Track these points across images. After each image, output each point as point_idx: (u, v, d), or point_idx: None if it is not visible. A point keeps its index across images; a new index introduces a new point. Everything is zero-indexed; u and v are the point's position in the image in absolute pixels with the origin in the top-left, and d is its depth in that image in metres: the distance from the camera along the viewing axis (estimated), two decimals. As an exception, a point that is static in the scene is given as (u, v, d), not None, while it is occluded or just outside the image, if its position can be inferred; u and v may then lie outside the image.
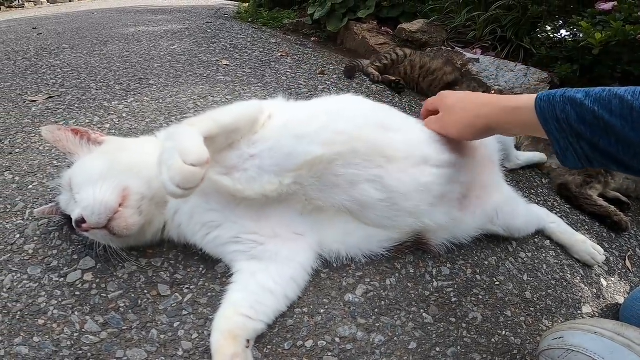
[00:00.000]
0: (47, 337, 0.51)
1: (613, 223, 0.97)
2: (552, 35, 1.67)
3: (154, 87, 1.18)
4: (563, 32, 1.62)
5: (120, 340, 0.51)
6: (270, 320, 0.53)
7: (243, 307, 0.50)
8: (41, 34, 2.07)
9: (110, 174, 0.53)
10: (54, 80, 1.23)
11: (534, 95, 0.49)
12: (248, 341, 0.49)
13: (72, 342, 0.51)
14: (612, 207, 0.99)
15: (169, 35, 1.99)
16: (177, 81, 1.25)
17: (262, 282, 0.53)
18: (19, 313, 0.54)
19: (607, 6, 1.29)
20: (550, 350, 0.51)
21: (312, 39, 2.36)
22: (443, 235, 0.66)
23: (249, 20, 2.92)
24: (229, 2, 4.91)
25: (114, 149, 0.60)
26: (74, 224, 0.51)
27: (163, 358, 0.50)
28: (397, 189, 0.57)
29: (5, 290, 0.57)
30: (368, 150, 0.56)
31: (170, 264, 0.61)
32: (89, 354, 0.50)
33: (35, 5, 5.06)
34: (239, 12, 3.24)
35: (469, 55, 1.62)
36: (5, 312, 0.54)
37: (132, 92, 1.13)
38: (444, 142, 0.62)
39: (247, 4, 3.75)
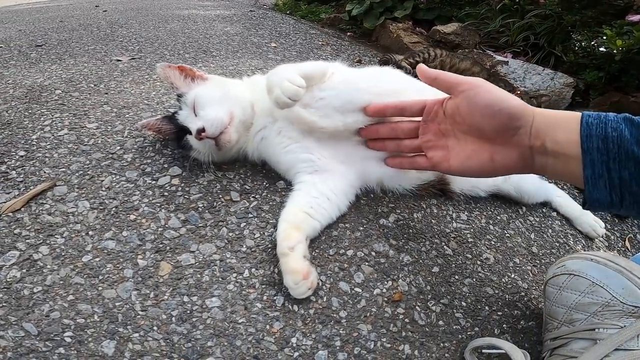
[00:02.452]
0: (134, 231, 0.60)
1: (617, 209, 1.07)
2: (583, 45, 1.75)
3: (217, 57, 1.36)
4: (595, 43, 1.71)
5: (195, 236, 0.61)
6: (325, 223, 0.66)
7: (305, 206, 0.64)
8: (106, 11, 2.30)
9: (223, 101, 0.71)
10: (132, 47, 1.43)
11: (579, 113, 0.45)
12: (307, 237, 0.62)
13: (156, 236, 0.60)
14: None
15: (220, 19, 2.18)
16: (235, 55, 1.43)
17: (322, 189, 0.67)
18: (113, 209, 0.63)
19: (636, 18, 1.39)
20: (555, 278, 0.56)
21: (348, 33, 2.51)
22: (462, 180, 0.79)
23: (287, 12, 3.10)
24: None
25: (222, 84, 0.77)
26: (194, 132, 0.67)
27: (229, 253, 0.59)
28: None
29: (104, 189, 0.67)
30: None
31: (240, 177, 0.75)
32: (168, 247, 0.59)
33: None
34: (277, 4, 3.43)
35: (498, 57, 1.73)
36: (102, 208, 0.64)
37: (199, 60, 1.32)
38: None
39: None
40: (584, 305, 0.52)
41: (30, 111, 0.92)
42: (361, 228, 0.70)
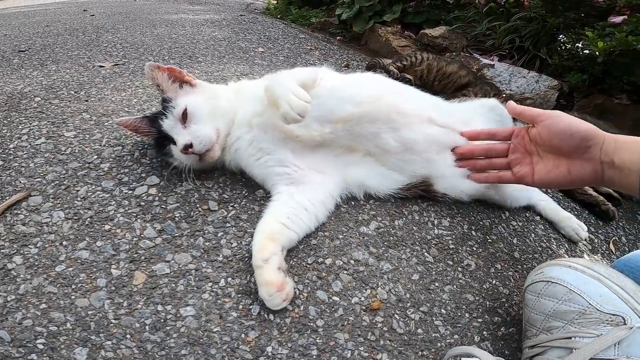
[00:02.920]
0: (109, 241, 0.59)
1: (601, 211, 1.07)
2: (568, 47, 1.77)
3: (202, 63, 1.36)
4: (579, 44, 1.73)
5: (171, 246, 0.61)
6: (302, 234, 0.66)
7: (282, 217, 0.64)
8: (93, 15, 2.28)
9: (212, 116, 0.71)
10: (116, 53, 1.42)
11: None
12: (283, 248, 0.61)
13: (130, 246, 0.59)
14: (601, 197, 1.10)
15: (209, 23, 2.17)
16: (221, 60, 1.42)
17: (299, 200, 0.67)
18: (88, 219, 0.63)
19: (618, 19, 1.41)
20: (533, 285, 0.56)
21: (338, 37, 2.52)
22: (446, 183, 0.79)
23: (278, 16, 3.11)
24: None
25: (210, 95, 0.75)
26: (180, 146, 0.66)
27: (205, 262, 0.59)
28: (409, 138, 0.73)
29: (79, 199, 0.67)
30: (388, 109, 0.72)
31: (219, 186, 0.74)
32: (143, 257, 0.58)
33: None
34: (268, 9, 3.44)
35: (485, 61, 1.75)
36: (76, 218, 0.63)
37: (184, 66, 1.31)
38: (443, 111, 0.78)
39: (275, 1, 3.95)
40: (561, 312, 0.52)
41: (9, 119, 0.90)
42: (341, 236, 0.70)
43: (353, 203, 0.76)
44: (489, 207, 0.89)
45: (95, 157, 0.78)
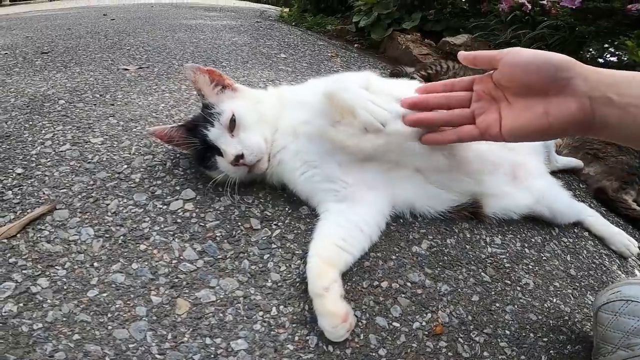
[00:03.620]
0: (145, 263, 0.54)
1: (646, 226, 1.02)
2: (596, 56, 1.72)
3: (227, 68, 1.32)
4: (608, 54, 1.68)
5: (214, 270, 0.55)
6: (358, 256, 0.60)
7: (337, 238, 0.58)
8: (114, 19, 2.28)
9: (260, 123, 0.66)
10: (140, 56, 1.39)
11: None
12: (340, 273, 0.55)
13: (170, 270, 0.54)
14: (646, 211, 1.04)
15: (227, 29, 2.16)
16: (245, 65, 1.38)
17: (352, 219, 0.61)
18: (121, 238, 0.58)
19: (655, 28, 1.36)
20: (609, 304, 0.55)
21: (355, 45, 2.49)
22: (496, 204, 0.74)
23: (293, 23, 3.10)
24: (269, 6, 5.18)
25: (255, 100, 0.70)
26: (230, 157, 0.61)
27: (253, 288, 0.54)
28: (463, 156, 0.68)
29: (109, 214, 0.61)
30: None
31: (260, 202, 0.69)
32: (184, 283, 0.53)
33: None
34: (282, 16, 3.44)
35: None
36: (107, 236, 0.58)
37: (209, 70, 1.27)
38: None
39: (288, 9, 3.96)
40: None
41: (30, 123, 0.86)
42: (394, 257, 0.64)
43: (401, 221, 0.71)
44: (537, 223, 0.84)
45: (125, 166, 0.73)
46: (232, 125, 0.64)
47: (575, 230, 0.89)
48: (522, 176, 0.77)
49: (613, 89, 0.44)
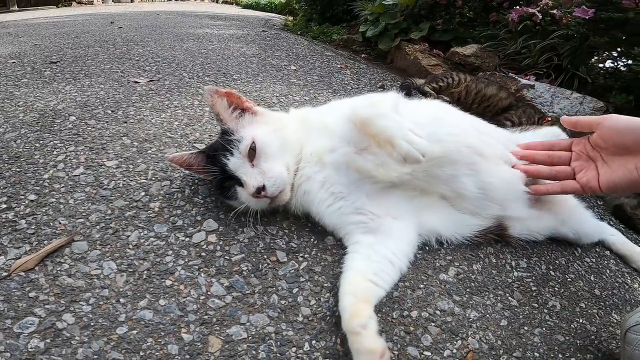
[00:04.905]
0: (173, 299, 0.52)
1: (667, 244, 1.00)
2: (608, 66, 1.71)
3: (238, 81, 1.31)
4: (620, 63, 1.67)
5: (243, 305, 0.54)
6: (389, 289, 0.59)
7: (368, 273, 0.56)
8: (121, 27, 2.28)
9: (282, 151, 0.63)
10: (149, 67, 1.38)
11: None
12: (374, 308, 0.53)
13: (198, 306, 0.52)
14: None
15: (234, 39, 2.15)
16: (256, 79, 1.37)
17: (382, 252, 0.59)
18: (145, 272, 0.55)
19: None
20: (638, 326, 0.54)
21: (362, 55, 2.48)
22: (521, 227, 0.73)
23: (298, 32, 3.10)
24: (274, 14, 5.19)
25: (277, 125, 0.67)
26: (252, 189, 0.58)
27: (284, 324, 0.52)
28: (489, 182, 0.66)
29: (131, 246, 0.59)
30: (469, 148, 0.65)
31: (284, 233, 0.67)
32: (214, 319, 0.51)
33: (102, 2, 5.57)
34: (286, 25, 3.44)
35: (523, 81, 1.68)
36: (131, 270, 0.55)
37: (220, 83, 1.26)
38: (516, 148, 0.72)
39: (292, 17, 3.97)
40: None
41: (41, 142, 0.84)
42: (422, 285, 0.63)
43: (427, 248, 0.70)
44: (560, 244, 0.83)
45: (143, 193, 0.71)
46: (252, 153, 0.61)
47: (597, 249, 0.89)
48: (546, 199, 0.76)
49: None
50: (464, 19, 2.29)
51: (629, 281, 0.83)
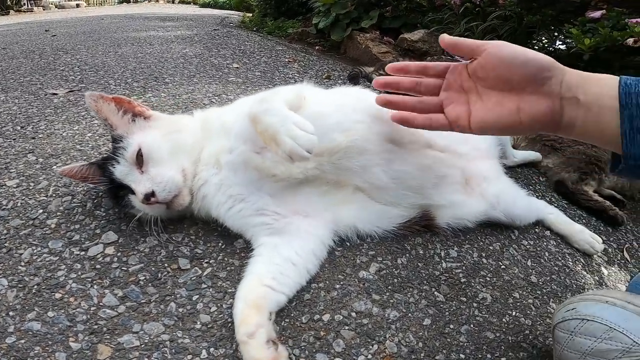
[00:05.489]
0: (62, 311, 0.52)
1: (609, 217, 1.01)
2: (546, 45, 1.75)
3: (170, 85, 1.24)
4: (558, 42, 1.71)
5: (137, 314, 0.53)
6: (292, 293, 0.56)
7: (266, 277, 0.53)
8: (55, 35, 2.13)
9: (174, 154, 0.59)
10: (73, 77, 1.28)
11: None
12: (270, 313, 0.51)
13: (88, 317, 0.52)
14: (608, 202, 1.04)
15: (179, 40, 2.06)
16: (191, 80, 1.30)
17: (285, 254, 0.56)
18: (35, 287, 0.55)
19: (597, 14, 1.37)
20: (565, 322, 0.51)
21: (317, 47, 2.44)
22: (448, 214, 0.70)
23: (254, 29, 3.02)
24: (232, 12, 5.06)
25: (170, 129, 0.63)
26: (140, 195, 0.55)
27: (180, 332, 0.51)
28: (403, 170, 0.63)
29: (22, 264, 0.58)
30: (379, 137, 0.61)
31: (190, 239, 0.64)
32: (105, 329, 0.51)
33: (44, 9, 5.23)
34: (243, 22, 3.35)
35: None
36: (21, 286, 0.55)
37: (149, 89, 1.18)
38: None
39: (251, 14, 3.87)
40: (601, 351, 0.47)
41: (-60, 166, 0.76)
42: (338, 286, 0.60)
43: (348, 244, 0.66)
44: (496, 227, 0.81)
45: (41, 211, 0.67)
46: (140, 160, 0.58)
47: (536, 230, 0.87)
48: (475, 182, 0.74)
49: (580, 89, 0.45)
50: (412, 4, 2.28)
51: (570, 263, 0.81)
